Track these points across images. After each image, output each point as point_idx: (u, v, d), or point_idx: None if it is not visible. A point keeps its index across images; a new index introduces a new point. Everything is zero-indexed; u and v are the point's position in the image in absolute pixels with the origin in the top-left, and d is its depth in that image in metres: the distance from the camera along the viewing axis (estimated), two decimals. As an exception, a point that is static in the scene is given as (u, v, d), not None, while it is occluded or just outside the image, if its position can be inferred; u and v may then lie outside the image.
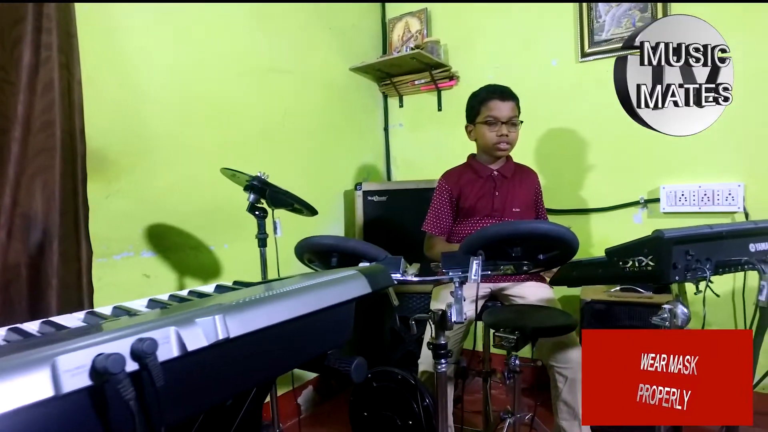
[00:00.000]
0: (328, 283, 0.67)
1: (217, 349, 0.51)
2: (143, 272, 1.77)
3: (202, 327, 0.49)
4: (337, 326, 0.70)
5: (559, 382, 1.63)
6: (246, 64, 2.13)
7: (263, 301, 0.57)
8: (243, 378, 0.58)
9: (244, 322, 0.53)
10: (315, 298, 0.63)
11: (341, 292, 0.67)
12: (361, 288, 0.70)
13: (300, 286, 0.64)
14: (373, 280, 0.72)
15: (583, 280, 1.24)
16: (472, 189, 1.85)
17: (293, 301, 0.60)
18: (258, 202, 1.54)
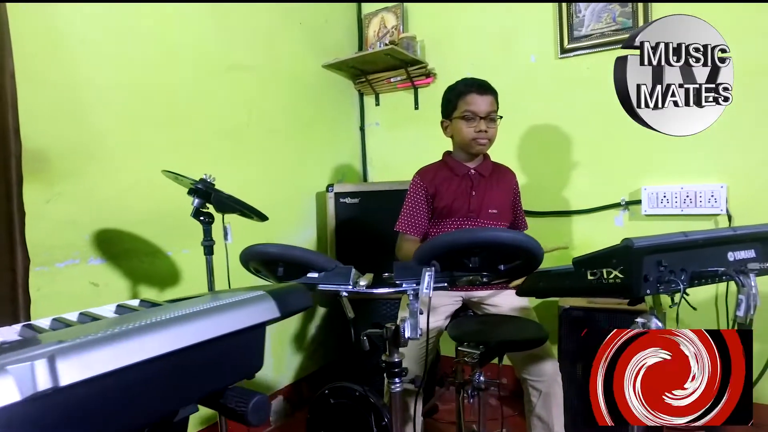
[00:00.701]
0: (224, 307, 0.57)
1: (52, 398, 0.41)
2: (91, 281, 1.65)
3: (14, 376, 0.38)
4: (239, 356, 0.60)
5: (533, 396, 1.53)
6: (205, 60, 2.02)
7: (121, 336, 0.46)
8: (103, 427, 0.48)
9: (85, 365, 0.42)
10: (200, 327, 0.53)
11: (240, 318, 0.57)
12: (267, 312, 0.60)
13: (186, 312, 0.54)
14: (283, 302, 0.61)
15: (551, 292, 1.14)
16: (448, 188, 1.75)
17: (167, 333, 0.50)
18: (203, 206, 1.43)
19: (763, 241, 1.07)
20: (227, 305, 0.57)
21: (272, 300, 0.61)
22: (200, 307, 0.56)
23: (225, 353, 0.58)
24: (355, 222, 2.45)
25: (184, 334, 0.52)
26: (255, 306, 0.59)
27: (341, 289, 1.11)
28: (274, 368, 2.35)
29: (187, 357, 0.53)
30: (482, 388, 1.24)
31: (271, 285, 0.66)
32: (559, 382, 1.53)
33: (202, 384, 0.57)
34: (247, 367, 0.62)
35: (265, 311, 0.60)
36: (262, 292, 0.61)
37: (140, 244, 1.79)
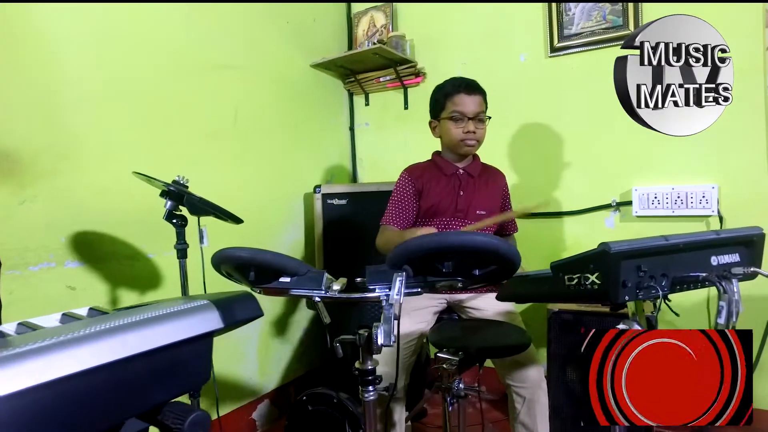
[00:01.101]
0: (161, 318, 0.53)
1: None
2: (67, 284, 1.62)
3: None
4: (180, 369, 0.56)
5: (517, 402, 1.50)
6: (188, 59, 1.98)
7: (43, 350, 0.43)
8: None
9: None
10: (135, 339, 0.50)
11: (178, 329, 0.54)
12: (209, 323, 0.56)
13: (120, 323, 0.51)
14: (228, 312, 0.58)
15: (530, 297, 1.11)
16: (436, 186, 1.72)
17: (96, 346, 0.47)
18: (176, 209, 1.40)
19: (748, 245, 1.04)
20: (164, 316, 0.54)
21: (215, 310, 0.58)
22: (137, 318, 0.53)
23: (163, 366, 0.54)
24: (343, 223, 2.42)
25: (115, 347, 0.49)
26: (195, 316, 0.56)
27: (313, 294, 1.07)
28: (259, 371, 2.32)
29: (120, 370, 0.50)
30: (462, 396, 1.21)
31: (219, 294, 0.63)
32: (544, 389, 1.50)
33: (138, 399, 0.53)
34: (190, 380, 0.58)
35: (207, 322, 0.56)
36: (206, 302, 0.58)
37: (120, 246, 1.76)
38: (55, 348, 0.45)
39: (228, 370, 2.17)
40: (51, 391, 0.44)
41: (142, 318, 0.53)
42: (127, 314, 0.54)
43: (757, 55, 1.90)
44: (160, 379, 0.54)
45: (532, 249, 2.19)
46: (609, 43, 2.14)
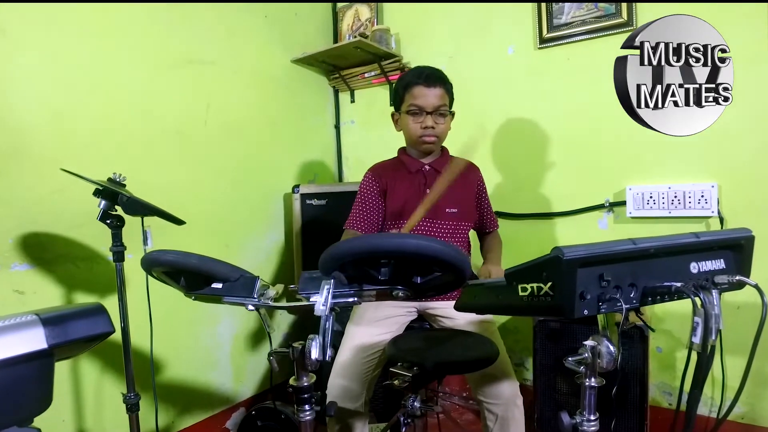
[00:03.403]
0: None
1: None
2: (15, 288, 1.53)
3: None
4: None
5: (489, 420, 1.38)
6: (154, 53, 1.89)
7: None
8: None
9: None
10: None
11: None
12: (30, 343, 0.46)
13: None
14: (56, 330, 0.47)
15: (483, 308, 0.99)
16: (401, 185, 1.61)
17: None
18: (111, 209, 1.30)
19: (735, 249, 0.91)
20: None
21: (41, 327, 0.47)
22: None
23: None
24: (322, 224, 2.31)
25: None
26: (11, 335, 0.45)
27: (246, 302, 0.97)
28: (233, 378, 2.22)
29: None
30: (417, 415, 1.09)
31: (59, 307, 0.52)
32: (519, 406, 1.37)
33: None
34: (12, 410, 0.48)
35: (25, 341, 0.46)
36: (32, 317, 0.47)
37: (75, 248, 1.67)
38: None
39: (198, 378, 2.07)
40: None
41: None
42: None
43: (760, 48, 1.76)
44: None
45: (519, 252, 2.07)
46: (601, 33, 2.01)
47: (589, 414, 0.89)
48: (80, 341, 0.50)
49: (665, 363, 1.97)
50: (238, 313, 2.23)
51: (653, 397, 1.97)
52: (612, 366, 0.87)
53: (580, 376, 0.91)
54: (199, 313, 2.05)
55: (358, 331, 1.47)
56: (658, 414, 1.90)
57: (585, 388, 0.90)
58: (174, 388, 1.97)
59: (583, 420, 0.89)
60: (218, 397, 2.16)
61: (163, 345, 1.86)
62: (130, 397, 1.38)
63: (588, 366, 0.87)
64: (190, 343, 2.03)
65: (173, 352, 1.95)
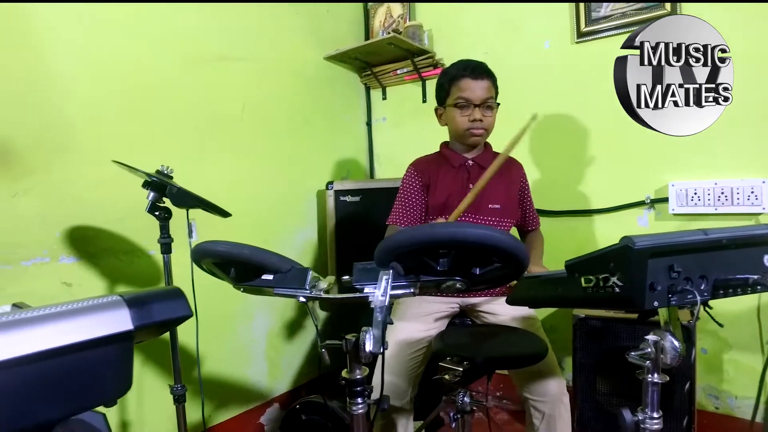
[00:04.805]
0: (49, 317, 0.43)
1: None
2: (62, 280, 1.56)
3: None
4: (80, 380, 0.46)
5: (535, 418, 1.35)
6: (192, 50, 1.90)
7: None
8: None
9: None
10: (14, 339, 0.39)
11: (70, 330, 0.43)
12: (114, 324, 0.46)
13: (6, 320, 0.41)
14: (141, 311, 0.47)
15: (543, 301, 0.97)
16: (444, 180, 1.59)
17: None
18: (159, 201, 1.31)
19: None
20: (55, 315, 0.43)
21: (126, 308, 0.47)
22: (23, 317, 0.43)
23: (53, 374, 0.44)
24: (356, 221, 2.30)
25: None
26: (97, 315, 0.45)
27: (297, 293, 0.96)
28: (268, 374, 2.23)
29: None
30: (467, 410, 1.07)
31: (142, 290, 0.52)
32: (566, 404, 1.34)
33: (19, 413, 0.43)
34: (99, 392, 0.48)
35: (110, 323, 0.46)
36: (116, 298, 0.47)
37: (118, 242, 1.69)
38: None
39: (234, 372, 2.08)
40: None
41: (29, 317, 0.43)
42: (24, 312, 0.44)
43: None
44: (50, 390, 0.44)
45: (556, 250, 2.02)
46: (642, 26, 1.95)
47: (651, 411, 0.86)
48: (161, 324, 0.50)
49: (711, 365, 1.91)
50: (272, 309, 2.24)
51: (698, 401, 1.91)
52: (677, 362, 0.84)
53: (642, 372, 0.88)
54: (236, 309, 2.07)
55: (402, 327, 1.46)
56: (703, 418, 1.85)
57: (647, 384, 0.87)
58: (211, 382, 1.98)
59: (645, 417, 0.86)
60: (253, 392, 2.17)
61: (202, 339, 1.87)
62: (177, 389, 1.39)
63: (652, 361, 0.85)
64: (228, 338, 2.04)
65: (211, 346, 1.96)
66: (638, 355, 0.85)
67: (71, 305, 0.46)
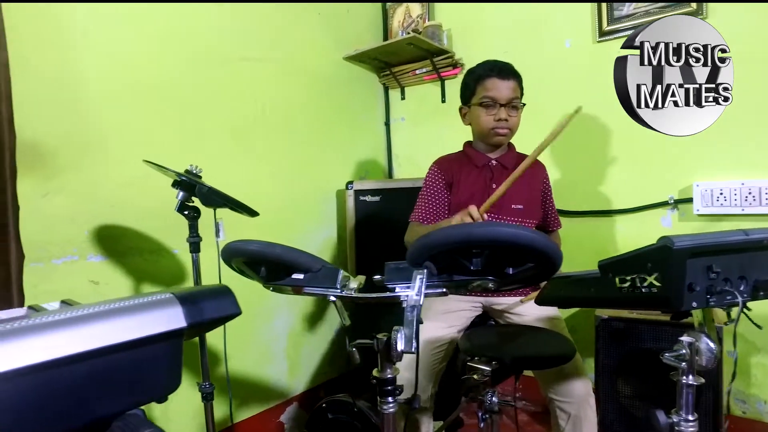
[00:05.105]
0: (106, 314, 0.44)
1: None
2: (90, 278, 1.59)
3: None
4: (135, 376, 0.47)
5: (561, 419, 1.34)
6: (214, 51, 1.92)
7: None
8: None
9: None
10: (70, 336, 0.40)
11: (126, 327, 0.44)
12: (168, 321, 0.46)
13: (61, 318, 0.42)
14: (192, 309, 0.48)
15: (575, 301, 0.96)
16: (467, 179, 1.59)
17: (25, 343, 0.37)
18: (188, 200, 1.33)
19: None
20: (111, 312, 0.44)
21: (179, 306, 0.48)
22: (78, 314, 0.44)
23: (109, 371, 0.45)
24: (376, 221, 2.31)
25: (44, 347, 0.39)
26: (152, 313, 0.46)
27: (328, 293, 0.97)
28: (288, 373, 2.24)
29: (52, 374, 0.40)
30: (495, 410, 1.07)
31: (191, 288, 0.53)
32: (592, 405, 1.33)
33: (77, 409, 0.44)
34: (151, 388, 0.49)
35: (165, 320, 0.46)
36: (168, 296, 0.48)
37: (143, 241, 1.72)
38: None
39: (254, 370, 2.10)
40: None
41: (88, 313, 0.44)
42: (80, 309, 0.45)
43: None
44: (106, 386, 0.45)
45: (576, 250, 2.02)
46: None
47: (687, 414, 0.85)
48: (211, 321, 0.50)
49: (738, 369, 1.88)
50: (292, 309, 2.26)
51: (726, 405, 1.88)
52: (712, 364, 0.83)
53: (676, 374, 0.87)
54: (257, 309, 2.08)
55: (425, 325, 1.46)
56: (731, 423, 1.82)
57: (682, 386, 0.86)
58: (233, 380, 2.00)
59: (680, 420, 0.85)
60: (273, 391, 2.19)
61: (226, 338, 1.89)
62: (206, 386, 1.40)
63: (687, 363, 0.84)
64: (249, 337, 2.06)
65: (234, 345, 1.98)
66: (673, 357, 0.84)
67: (125, 302, 0.47)
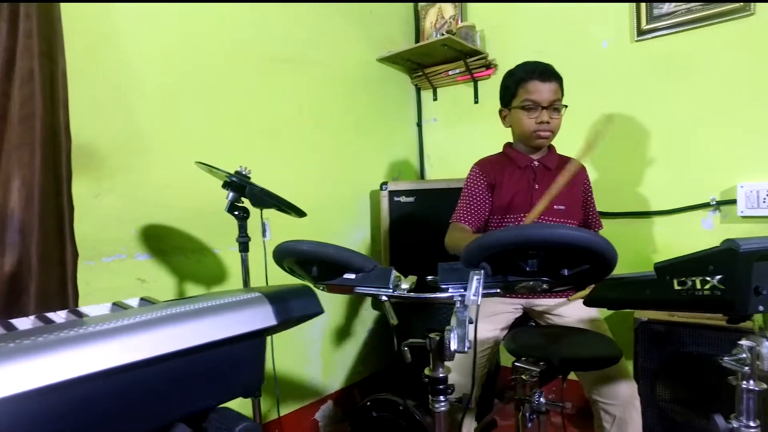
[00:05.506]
0: (202, 312, 0.46)
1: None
2: (138, 276, 1.64)
3: None
4: (227, 371, 0.49)
5: (605, 421, 1.33)
6: (252, 54, 1.96)
7: (66, 342, 0.37)
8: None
9: (27, 376, 0.33)
10: (166, 335, 0.43)
11: (222, 324, 0.46)
12: (261, 320, 0.49)
13: (155, 316, 0.44)
14: (282, 307, 0.50)
15: (627, 303, 0.96)
16: (509, 180, 1.58)
17: (121, 342, 0.40)
18: (238, 201, 1.36)
19: None
20: (209, 309, 0.47)
21: (269, 304, 0.50)
22: (178, 311, 0.46)
23: (206, 366, 0.47)
24: (410, 222, 2.32)
25: (151, 343, 0.42)
26: (245, 311, 0.48)
27: (381, 292, 0.99)
28: (322, 372, 2.27)
29: (156, 369, 0.43)
30: (543, 411, 1.07)
31: (274, 287, 0.55)
32: (638, 408, 1.32)
33: (178, 403, 0.46)
34: (241, 383, 0.51)
35: (258, 318, 0.49)
36: (258, 295, 0.50)
37: (186, 240, 1.77)
38: (87, 340, 0.38)
39: (292, 370, 2.14)
40: (82, 386, 0.38)
41: (184, 311, 0.46)
42: (172, 306, 0.47)
43: None
44: (205, 380, 0.47)
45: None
46: (711, 21, 1.90)
47: (748, 420, 0.84)
48: (296, 320, 0.52)
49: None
50: (328, 309, 2.29)
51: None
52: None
53: (735, 378, 0.86)
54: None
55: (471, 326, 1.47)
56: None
57: (742, 391, 0.85)
58: (272, 378, 2.04)
59: (741, 426, 0.84)
60: (309, 389, 2.22)
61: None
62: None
63: (749, 367, 0.83)
64: (288, 338, 2.09)
65: (274, 344, 2.02)
66: (733, 361, 0.83)
67: (214, 301, 0.49)
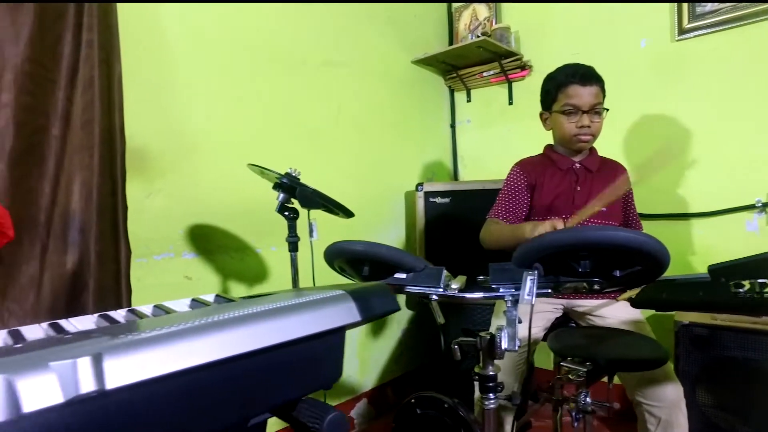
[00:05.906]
0: (296, 308, 0.49)
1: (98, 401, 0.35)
2: (184, 274, 1.71)
3: (57, 374, 0.33)
4: (314, 364, 0.52)
5: (650, 423, 1.33)
6: (295, 57, 2.02)
7: (177, 335, 0.40)
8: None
9: (135, 366, 0.37)
10: (269, 329, 0.46)
11: (315, 320, 0.50)
12: (346, 316, 0.52)
13: (255, 311, 0.48)
14: (365, 304, 0.53)
15: (677, 305, 0.96)
16: (550, 182, 1.59)
17: (230, 334, 0.43)
18: (288, 201, 1.40)
19: None
20: (299, 306, 0.50)
21: (352, 301, 0.53)
22: (270, 307, 0.49)
23: (296, 360, 0.50)
24: (445, 222, 2.34)
25: (250, 337, 0.45)
26: (332, 308, 0.51)
27: (431, 291, 1.01)
28: (359, 370, 2.31)
29: (252, 362, 0.46)
30: (589, 411, 1.08)
31: (352, 284, 0.58)
32: (684, 410, 1.31)
33: (270, 393, 0.50)
34: (323, 376, 0.54)
35: (344, 314, 0.52)
36: (342, 292, 0.54)
37: (230, 240, 1.82)
38: (192, 333, 0.42)
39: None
40: (189, 377, 0.41)
41: (278, 307, 0.50)
42: (257, 303, 0.51)
43: None
44: (294, 373, 0.51)
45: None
46: (755, 18, 1.86)
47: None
48: (377, 317, 0.55)
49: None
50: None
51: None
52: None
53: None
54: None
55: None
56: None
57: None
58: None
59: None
60: (345, 387, 2.26)
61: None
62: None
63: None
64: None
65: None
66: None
67: (301, 298, 0.52)
